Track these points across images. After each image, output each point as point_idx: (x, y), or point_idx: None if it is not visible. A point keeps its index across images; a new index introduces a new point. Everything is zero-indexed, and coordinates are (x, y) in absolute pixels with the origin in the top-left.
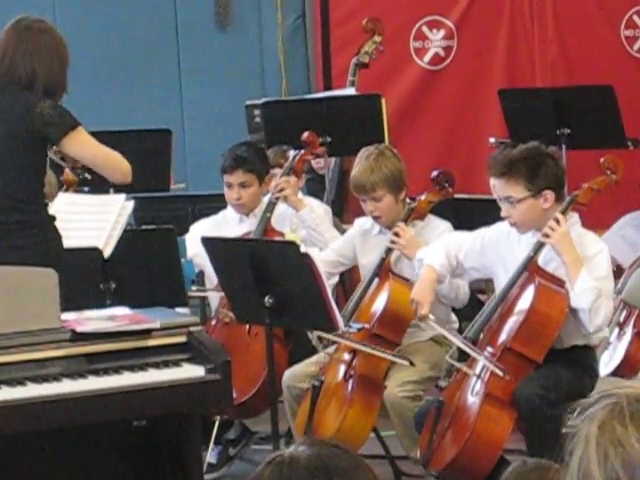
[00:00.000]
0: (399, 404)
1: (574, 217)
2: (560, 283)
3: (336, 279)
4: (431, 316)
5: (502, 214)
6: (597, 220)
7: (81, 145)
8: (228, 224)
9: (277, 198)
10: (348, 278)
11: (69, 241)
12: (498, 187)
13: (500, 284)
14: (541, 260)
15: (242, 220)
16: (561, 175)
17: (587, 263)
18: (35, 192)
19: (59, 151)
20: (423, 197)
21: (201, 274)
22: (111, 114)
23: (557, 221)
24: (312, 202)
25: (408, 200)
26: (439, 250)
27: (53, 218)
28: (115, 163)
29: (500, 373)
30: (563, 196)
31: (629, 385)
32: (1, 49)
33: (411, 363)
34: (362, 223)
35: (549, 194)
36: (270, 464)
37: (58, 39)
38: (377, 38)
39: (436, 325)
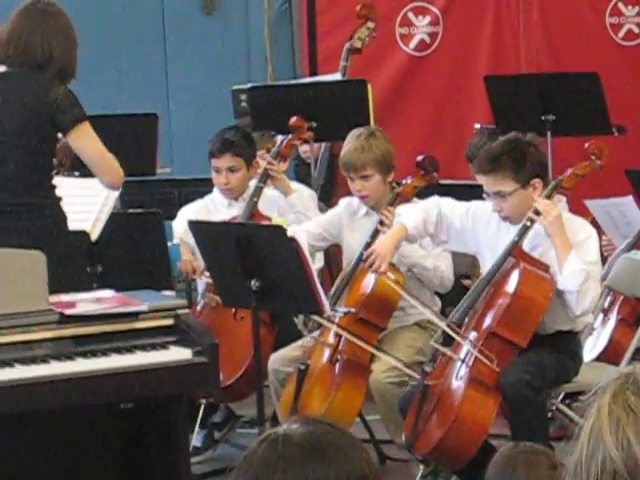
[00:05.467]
0: (384, 390)
1: (562, 201)
2: (545, 268)
3: (322, 263)
4: (390, 275)
5: (493, 209)
6: (582, 206)
7: (84, 139)
8: (217, 208)
9: (264, 182)
10: (334, 262)
11: None
12: (486, 184)
13: (486, 265)
14: (527, 246)
15: (231, 204)
16: (545, 161)
17: (577, 248)
18: (46, 175)
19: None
20: (408, 181)
21: None
22: (97, 98)
23: (546, 203)
24: (298, 187)
25: (394, 185)
26: (418, 213)
27: (60, 199)
28: (111, 165)
29: (486, 362)
30: (549, 181)
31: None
32: (16, 31)
33: (397, 358)
34: (348, 202)
35: (537, 182)
36: (264, 442)
37: (69, 22)
38: (370, 24)
39: (396, 287)
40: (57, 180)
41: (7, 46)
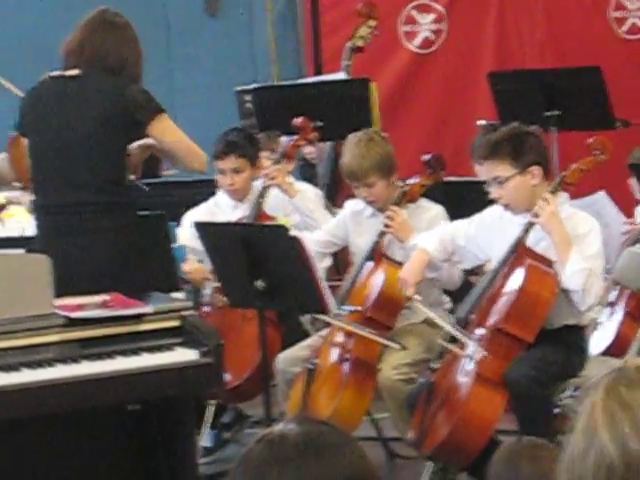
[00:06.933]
0: (393, 387)
1: (563, 196)
2: (549, 263)
3: (329, 262)
4: (417, 297)
5: (492, 196)
6: None
7: (165, 130)
8: (222, 210)
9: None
10: (341, 261)
11: None
12: (485, 170)
13: (493, 263)
14: (531, 240)
15: (236, 206)
16: (545, 151)
17: (579, 242)
18: (121, 174)
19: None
20: (417, 180)
21: None
22: None
23: (546, 200)
24: (303, 186)
25: (400, 183)
26: (433, 236)
27: (135, 201)
28: (194, 152)
29: (485, 353)
30: (550, 172)
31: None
32: (87, 39)
33: (403, 347)
34: (353, 205)
35: (536, 169)
36: (260, 442)
37: (135, 34)
38: (372, 22)
39: (422, 307)
40: None
41: (80, 52)
